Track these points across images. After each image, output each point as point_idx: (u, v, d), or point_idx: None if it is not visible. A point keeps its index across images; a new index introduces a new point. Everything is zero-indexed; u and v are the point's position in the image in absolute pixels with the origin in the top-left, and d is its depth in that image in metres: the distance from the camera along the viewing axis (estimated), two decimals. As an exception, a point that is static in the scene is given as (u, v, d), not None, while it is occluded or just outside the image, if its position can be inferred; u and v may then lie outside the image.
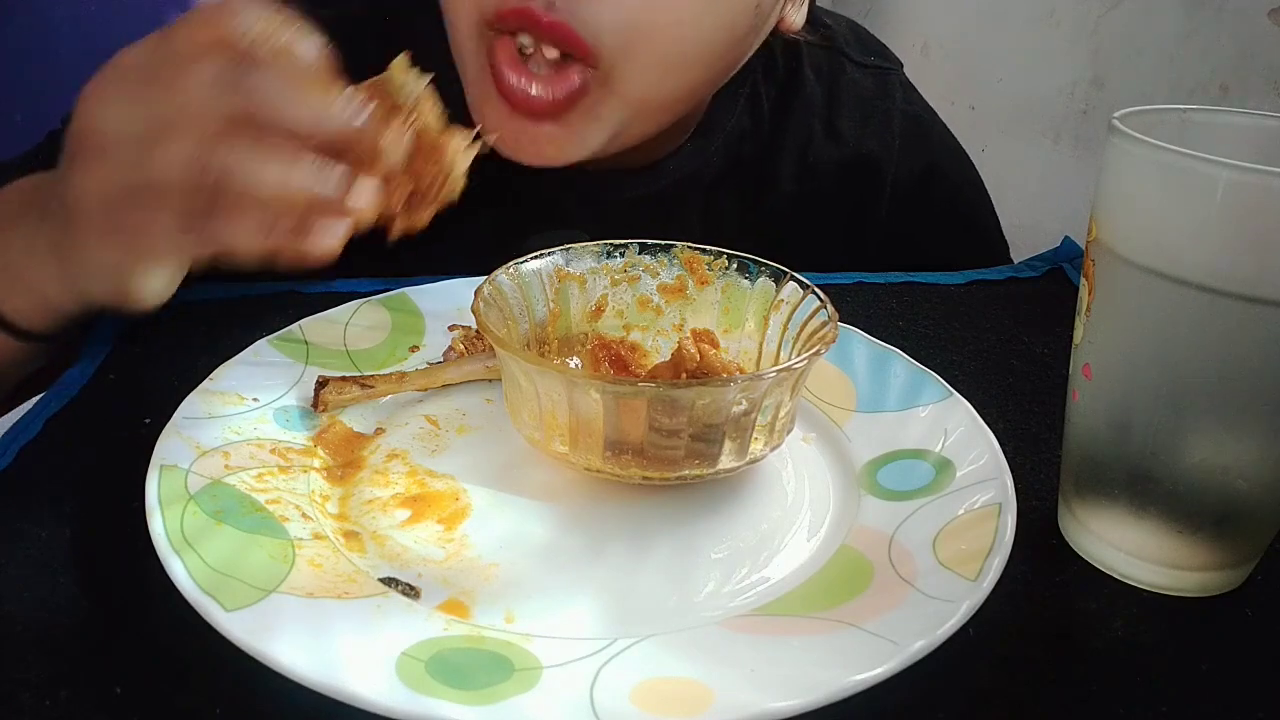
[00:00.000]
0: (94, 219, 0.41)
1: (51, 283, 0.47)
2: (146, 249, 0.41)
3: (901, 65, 0.78)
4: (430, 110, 0.42)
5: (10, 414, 0.57)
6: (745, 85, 0.70)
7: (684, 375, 0.43)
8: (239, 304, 0.58)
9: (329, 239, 0.39)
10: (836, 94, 0.73)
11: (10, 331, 0.49)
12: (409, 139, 0.41)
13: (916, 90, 0.78)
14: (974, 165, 0.80)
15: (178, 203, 0.38)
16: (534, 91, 0.55)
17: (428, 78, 0.41)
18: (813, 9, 0.75)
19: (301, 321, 0.51)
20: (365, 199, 0.39)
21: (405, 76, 0.41)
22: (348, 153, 0.39)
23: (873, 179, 0.74)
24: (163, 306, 0.55)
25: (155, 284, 0.44)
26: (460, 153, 0.42)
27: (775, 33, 0.65)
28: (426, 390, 0.49)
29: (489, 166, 0.67)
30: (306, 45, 0.39)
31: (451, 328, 0.53)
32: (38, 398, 0.49)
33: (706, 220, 0.71)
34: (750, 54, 0.62)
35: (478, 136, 0.43)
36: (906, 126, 0.75)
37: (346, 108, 0.39)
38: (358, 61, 0.66)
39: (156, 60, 0.40)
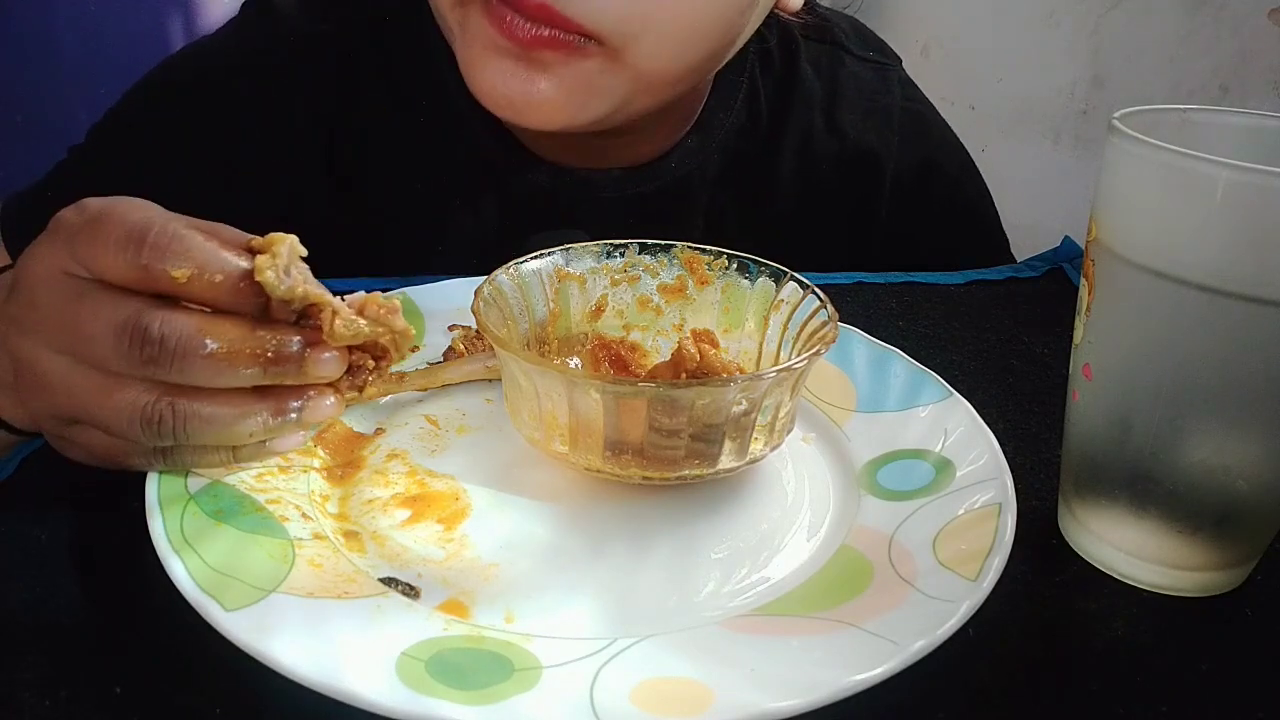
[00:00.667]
0: (44, 425, 0.39)
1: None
2: (107, 461, 0.39)
3: (900, 61, 0.78)
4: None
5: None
6: (742, 79, 0.70)
7: (684, 375, 0.43)
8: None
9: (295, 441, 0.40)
10: (837, 87, 0.73)
11: (6, 429, 0.43)
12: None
13: (916, 86, 0.78)
14: (973, 160, 0.80)
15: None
16: (535, 31, 0.52)
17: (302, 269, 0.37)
18: (813, 4, 0.75)
19: (301, 321, 0.51)
20: (325, 412, 0.38)
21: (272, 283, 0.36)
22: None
23: (873, 174, 0.73)
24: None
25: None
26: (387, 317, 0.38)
27: (773, 13, 0.65)
28: (426, 390, 0.49)
29: (491, 164, 0.67)
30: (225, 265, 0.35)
31: (451, 328, 0.53)
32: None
33: (708, 218, 0.71)
34: (750, 32, 0.62)
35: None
36: (906, 122, 0.75)
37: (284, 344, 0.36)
38: (358, 71, 0.66)
39: (75, 255, 0.36)
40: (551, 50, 0.53)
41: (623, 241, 0.50)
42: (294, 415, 0.38)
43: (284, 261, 0.35)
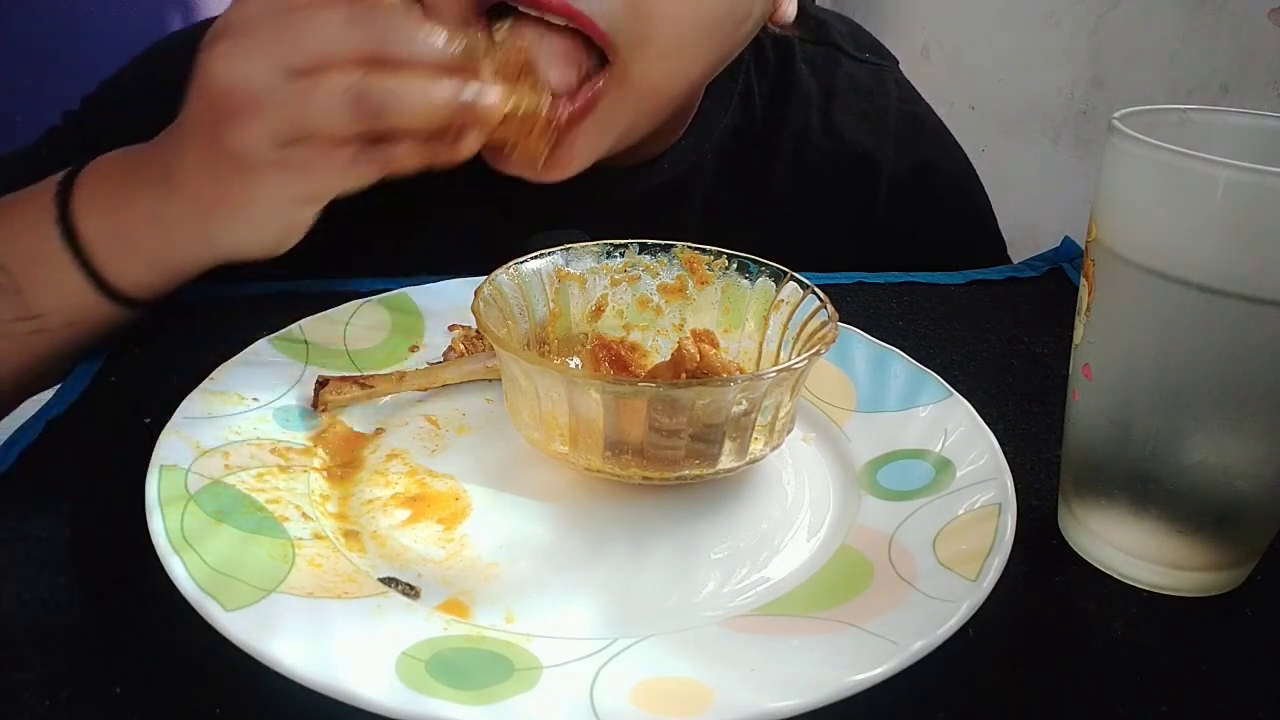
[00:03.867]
0: (261, 166, 0.45)
1: (164, 248, 0.50)
2: (319, 182, 0.46)
3: (897, 62, 0.78)
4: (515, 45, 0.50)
5: (11, 415, 0.57)
6: (737, 81, 0.70)
7: (684, 375, 0.43)
8: (239, 304, 0.58)
9: (472, 143, 0.47)
10: (832, 88, 0.73)
11: (115, 298, 0.51)
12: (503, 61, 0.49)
13: (912, 87, 0.78)
14: (970, 161, 0.80)
15: (345, 136, 0.44)
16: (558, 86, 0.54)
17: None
18: (805, 6, 0.75)
19: (301, 321, 0.51)
20: (494, 100, 0.46)
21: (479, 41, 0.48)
22: (467, 74, 0.46)
23: (869, 176, 0.73)
24: (163, 306, 0.55)
25: (298, 227, 0.49)
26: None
27: (766, 25, 0.65)
28: (426, 390, 0.49)
29: (486, 167, 0.67)
30: None
31: (451, 328, 0.53)
32: (40, 400, 0.49)
33: (704, 217, 0.71)
34: (745, 43, 0.62)
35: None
36: (902, 123, 0.75)
37: (453, 39, 0.45)
38: None
39: (277, 10, 0.44)
40: (586, 115, 0.54)
41: (623, 241, 0.50)
42: (472, 90, 0.45)
43: None
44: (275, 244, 0.50)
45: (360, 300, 0.54)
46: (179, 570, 0.34)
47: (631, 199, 0.68)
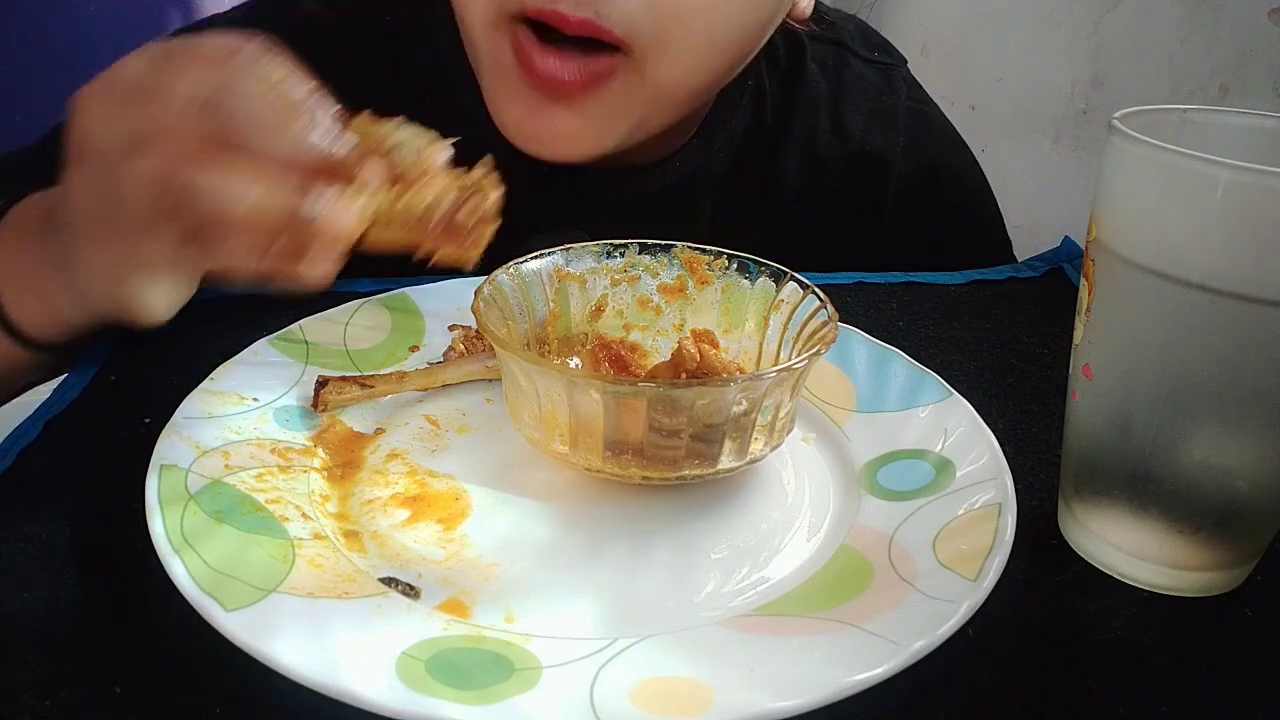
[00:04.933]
0: (88, 225, 0.42)
1: (60, 294, 0.47)
2: (141, 259, 0.42)
3: (905, 62, 0.78)
4: (413, 142, 0.41)
5: (11, 415, 0.57)
6: (749, 81, 0.70)
7: (684, 375, 0.43)
8: (239, 304, 0.58)
9: (320, 265, 0.39)
10: (842, 88, 0.73)
11: (20, 340, 0.49)
12: (384, 166, 0.40)
13: (921, 86, 0.78)
14: (977, 160, 0.80)
15: (154, 214, 0.39)
16: (565, 75, 0.54)
17: (398, 121, 0.41)
18: (817, 5, 0.75)
19: (301, 321, 0.51)
20: (346, 220, 0.38)
21: (374, 128, 0.40)
22: (330, 178, 0.38)
23: (879, 174, 0.73)
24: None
25: (158, 296, 0.44)
26: (482, 179, 0.42)
27: (784, 22, 0.65)
28: (426, 390, 0.49)
29: (499, 162, 0.67)
30: (296, 81, 0.40)
31: (451, 328, 0.53)
32: (40, 400, 0.49)
33: (714, 217, 0.71)
34: (763, 44, 0.62)
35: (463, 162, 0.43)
36: (911, 122, 0.75)
37: (325, 136, 0.39)
38: (367, 62, 0.66)
39: (148, 73, 0.40)
40: (585, 89, 0.54)
41: (623, 242, 0.50)
42: (316, 201, 0.38)
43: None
44: (135, 310, 0.44)
45: (360, 300, 0.54)
46: (179, 570, 0.34)
47: (642, 199, 0.68)
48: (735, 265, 0.49)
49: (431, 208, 0.40)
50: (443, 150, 0.41)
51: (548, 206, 0.67)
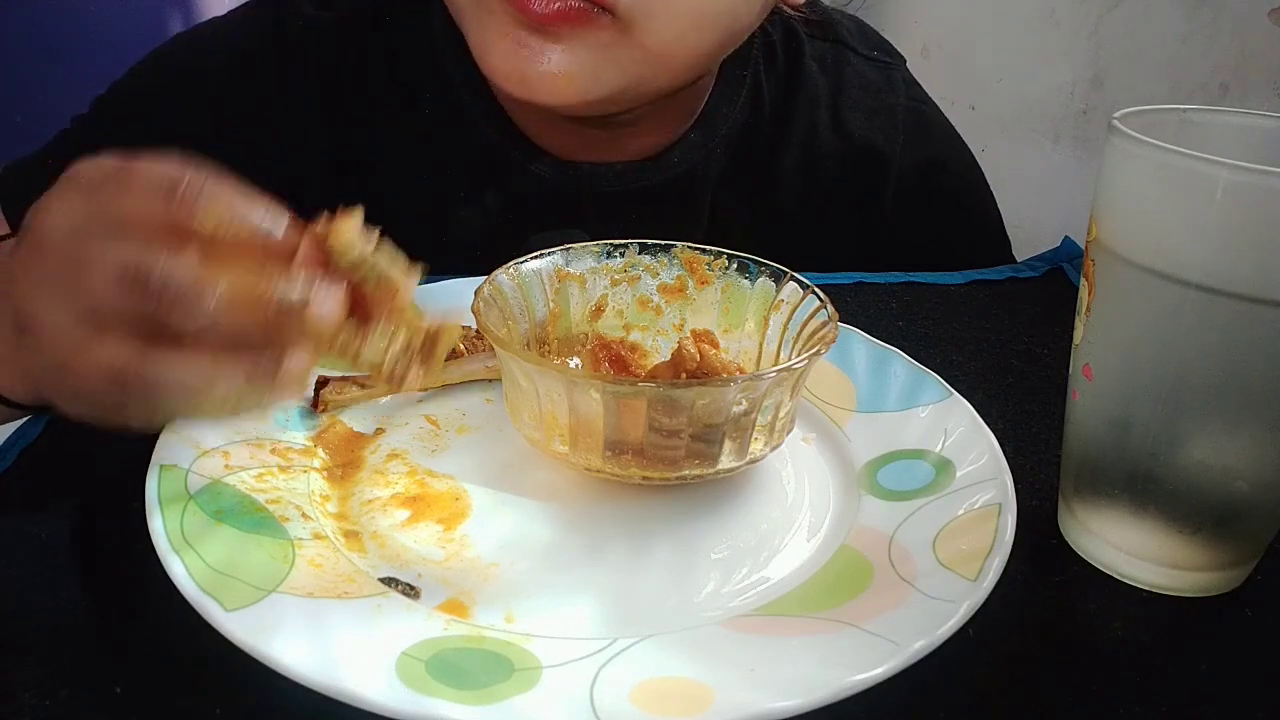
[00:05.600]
0: (37, 325, 0.35)
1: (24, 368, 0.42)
2: (90, 360, 0.34)
3: (904, 60, 0.78)
4: (385, 272, 0.36)
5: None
6: (746, 74, 0.70)
7: (684, 375, 0.43)
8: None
9: (299, 361, 0.34)
10: (841, 85, 0.73)
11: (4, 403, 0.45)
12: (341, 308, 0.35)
13: (919, 85, 0.78)
14: (975, 159, 0.80)
15: (116, 315, 0.33)
16: (548, 7, 0.51)
17: (374, 238, 0.36)
18: (816, 3, 0.75)
19: (301, 321, 0.51)
20: (327, 310, 0.34)
21: (350, 241, 0.35)
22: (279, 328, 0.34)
23: (878, 172, 0.73)
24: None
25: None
26: (442, 325, 0.37)
27: (777, 8, 0.64)
28: (426, 390, 0.49)
29: (494, 157, 0.67)
30: (263, 221, 0.34)
31: (451, 328, 0.53)
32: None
33: (712, 214, 0.71)
34: (756, 23, 0.61)
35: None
36: (910, 120, 0.75)
37: (275, 288, 0.33)
38: (363, 63, 0.66)
39: (96, 203, 0.35)
40: (566, 23, 0.52)
41: (623, 241, 0.50)
42: (268, 370, 0.33)
43: (355, 230, 0.34)
44: (87, 411, 0.36)
45: (360, 300, 0.54)
46: (179, 570, 0.34)
47: (638, 193, 0.68)
48: (735, 265, 0.49)
49: (384, 359, 0.36)
50: (412, 286, 0.37)
51: (545, 201, 0.67)
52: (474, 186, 0.68)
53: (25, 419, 0.46)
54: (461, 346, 0.51)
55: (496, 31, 0.54)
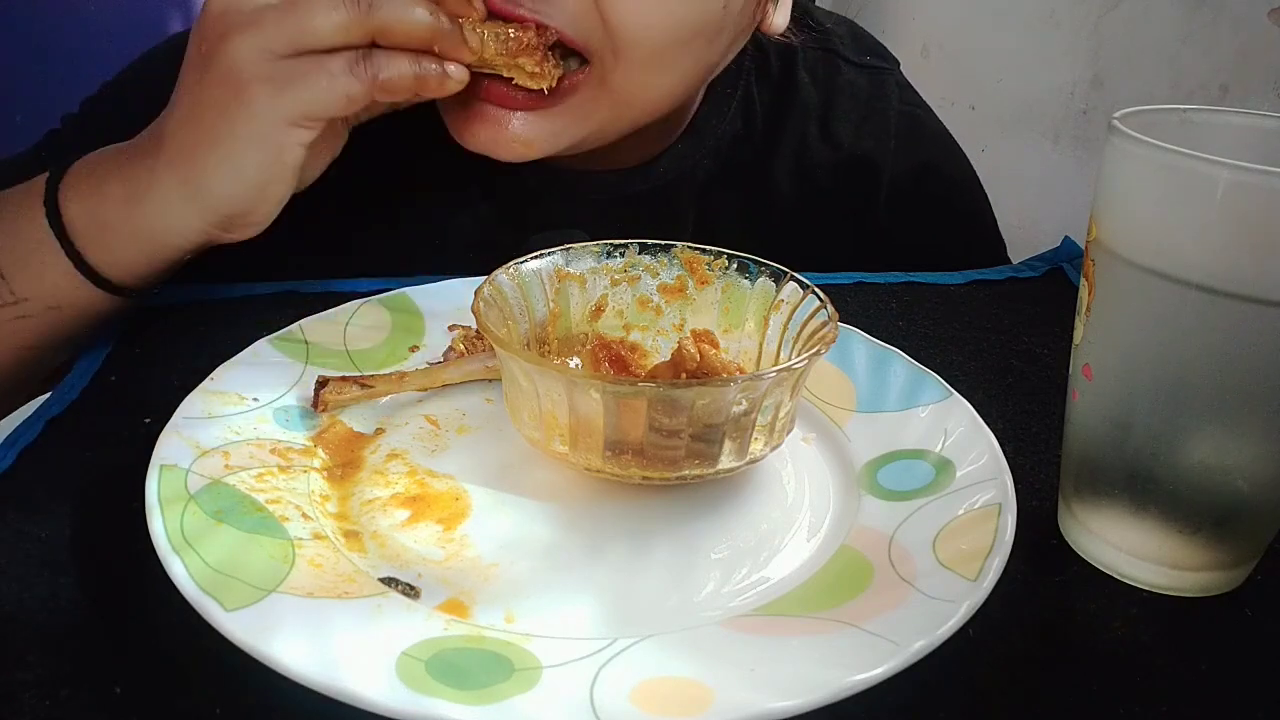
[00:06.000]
0: (251, 81, 0.46)
1: (156, 222, 0.49)
2: (308, 94, 0.46)
3: (898, 64, 0.78)
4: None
5: (11, 415, 0.57)
6: (737, 88, 0.70)
7: (684, 375, 0.43)
8: (239, 304, 0.58)
9: (458, 73, 0.49)
10: (832, 97, 0.73)
11: (99, 283, 0.51)
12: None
13: (913, 89, 0.78)
14: (969, 162, 0.80)
15: (334, 42, 0.46)
16: (514, 96, 0.54)
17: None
18: (805, 11, 0.75)
19: (301, 321, 0.51)
20: (474, 41, 0.49)
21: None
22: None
23: (870, 179, 0.73)
24: (164, 306, 0.55)
25: (310, 160, 0.50)
26: None
27: (758, 34, 0.65)
28: (426, 390, 0.49)
29: (480, 165, 0.67)
30: None
31: (451, 328, 0.53)
32: (40, 400, 0.49)
33: (702, 223, 0.71)
34: (731, 55, 0.62)
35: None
36: (902, 125, 0.75)
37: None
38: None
39: None
40: (559, 100, 0.54)
41: (623, 241, 0.50)
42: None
43: None
44: (261, 186, 0.49)
45: (360, 300, 0.54)
46: (179, 570, 0.34)
47: (622, 201, 0.68)
48: (735, 265, 0.49)
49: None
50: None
51: (532, 208, 0.67)
52: (462, 195, 0.68)
53: (22, 422, 0.46)
54: (461, 346, 0.51)
55: (459, 104, 0.55)
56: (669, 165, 0.68)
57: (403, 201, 0.68)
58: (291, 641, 0.31)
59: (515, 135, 0.55)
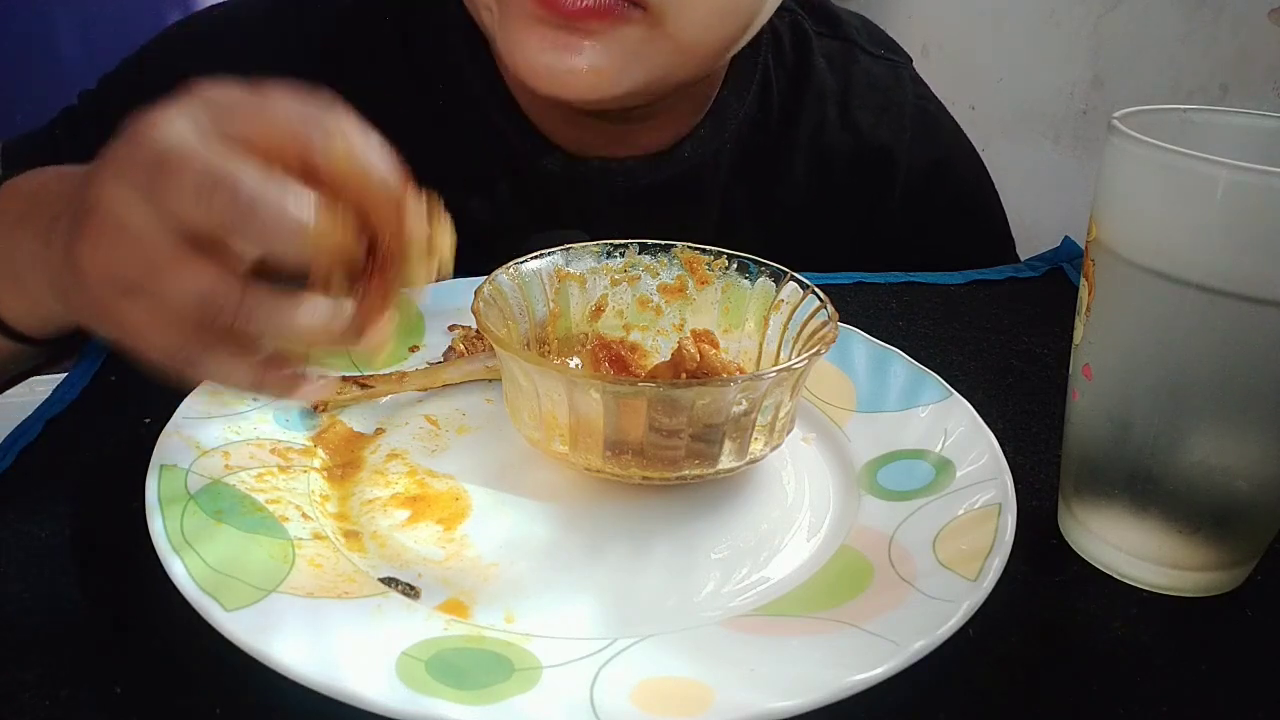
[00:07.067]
0: (91, 293, 0.36)
1: (51, 297, 0.43)
2: (135, 341, 0.36)
3: (910, 59, 0.78)
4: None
5: (11, 415, 0.57)
6: (756, 67, 0.70)
7: (684, 375, 0.43)
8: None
9: (316, 390, 0.38)
10: (850, 82, 0.73)
11: (7, 334, 0.48)
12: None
13: (926, 84, 0.78)
14: (981, 160, 0.80)
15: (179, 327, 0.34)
16: (578, 2, 0.51)
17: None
18: (824, 2, 0.75)
19: (301, 321, 0.51)
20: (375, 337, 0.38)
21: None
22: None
23: (886, 170, 0.73)
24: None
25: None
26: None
27: (788, 8, 0.64)
28: (426, 390, 0.49)
29: (505, 150, 0.67)
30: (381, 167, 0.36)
31: (451, 328, 0.53)
32: (40, 400, 0.49)
33: (721, 209, 0.71)
34: (771, 10, 0.61)
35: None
36: (919, 119, 0.75)
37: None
38: (379, 52, 0.66)
39: (222, 117, 0.35)
40: (597, 19, 0.52)
41: (623, 241, 0.50)
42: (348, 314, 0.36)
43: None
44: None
45: (360, 300, 0.54)
46: (179, 570, 0.34)
47: (648, 188, 0.67)
48: (735, 265, 0.49)
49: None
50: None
51: (556, 195, 0.67)
52: (485, 181, 0.67)
53: (22, 422, 0.46)
54: (461, 346, 0.51)
55: (523, 29, 0.53)
56: (692, 150, 0.68)
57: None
58: (291, 641, 0.31)
59: (581, 62, 0.52)
